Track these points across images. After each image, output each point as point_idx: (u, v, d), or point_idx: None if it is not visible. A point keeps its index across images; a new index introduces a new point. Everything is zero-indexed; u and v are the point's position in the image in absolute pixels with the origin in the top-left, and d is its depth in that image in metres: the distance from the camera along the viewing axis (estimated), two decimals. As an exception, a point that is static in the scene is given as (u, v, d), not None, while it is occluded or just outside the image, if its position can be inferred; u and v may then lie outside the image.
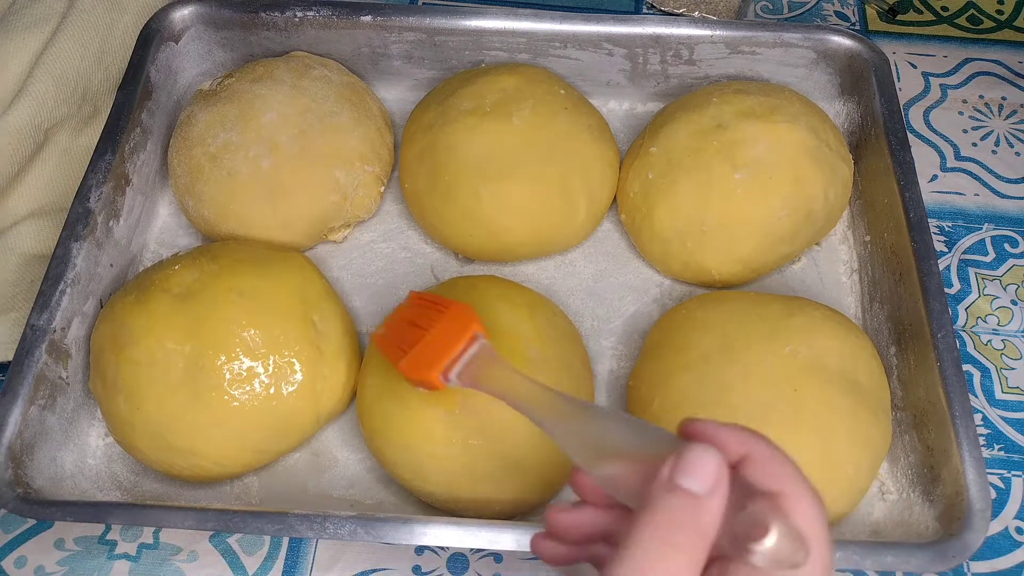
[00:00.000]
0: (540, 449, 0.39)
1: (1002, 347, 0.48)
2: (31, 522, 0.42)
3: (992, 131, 0.56)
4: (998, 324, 0.49)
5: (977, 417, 0.46)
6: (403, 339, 0.36)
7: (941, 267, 0.50)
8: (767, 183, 0.44)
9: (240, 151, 0.46)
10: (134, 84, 0.48)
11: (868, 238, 0.48)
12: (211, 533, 0.42)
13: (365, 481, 0.43)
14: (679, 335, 0.42)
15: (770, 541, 0.20)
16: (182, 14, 0.51)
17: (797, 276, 0.49)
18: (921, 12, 0.62)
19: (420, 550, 0.42)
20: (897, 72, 0.59)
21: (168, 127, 0.51)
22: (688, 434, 0.25)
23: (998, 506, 0.44)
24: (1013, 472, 0.45)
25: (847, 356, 0.40)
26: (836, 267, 0.50)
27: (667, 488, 0.22)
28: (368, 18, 0.51)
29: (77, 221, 0.44)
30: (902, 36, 0.61)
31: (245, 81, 0.48)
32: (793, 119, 0.45)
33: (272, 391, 0.39)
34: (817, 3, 0.62)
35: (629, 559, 0.21)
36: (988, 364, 0.48)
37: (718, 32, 0.50)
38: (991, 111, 0.57)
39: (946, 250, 0.52)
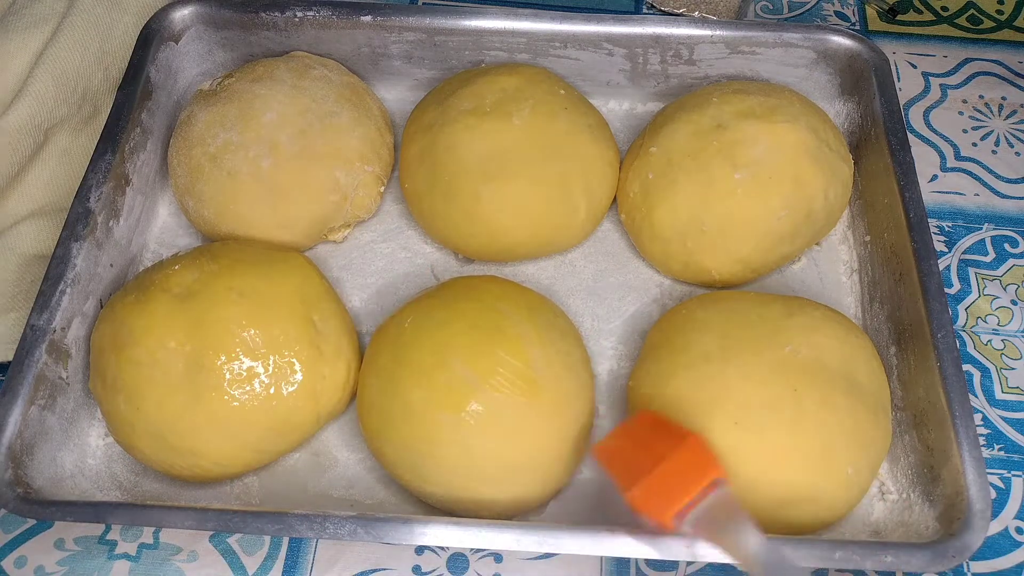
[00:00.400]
0: (540, 449, 0.39)
1: (1002, 347, 0.49)
2: (31, 522, 0.42)
3: (992, 131, 0.56)
4: (998, 324, 0.49)
5: (977, 417, 0.46)
6: (630, 460, 0.34)
7: (941, 267, 0.50)
8: (767, 183, 0.44)
9: (240, 151, 0.46)
10: (134, 84, 0.48)
11: (868, 238, 0.48)
12: (211, 533, 0.42)
13: (365, 481, 0.43)
14: (679, 335, 0.42)
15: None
16: (182, 14, 0.51)
17: (797, 276, 0.49)
18: (921, 12, 0.62)
19: (420, 550, 0.42)
20: (897, 72, 0.59)
21: (168, 127, 0.51)
22: None
23: (998, 506, 0.44)
24: (1013, 472, 0.45)
25: (847, 356, 0.40)
26: (836, 267, 0.50)
27: None
28: (368, 18, 0.51)
29: (77, 221, 0.44)
30: (902, 36, 0.61)
31: (245, 81, 0.48)
32: (793, 119, 0.45)
33: (272, 391, 0.39)
34: (817, 3, 0.62)
35: None
36: (988, 364, 0.48)
37: (718, 32, 0.50)
38: (991, 111, 0.57)
39: (946, 250, 0.52)
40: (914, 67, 0.59)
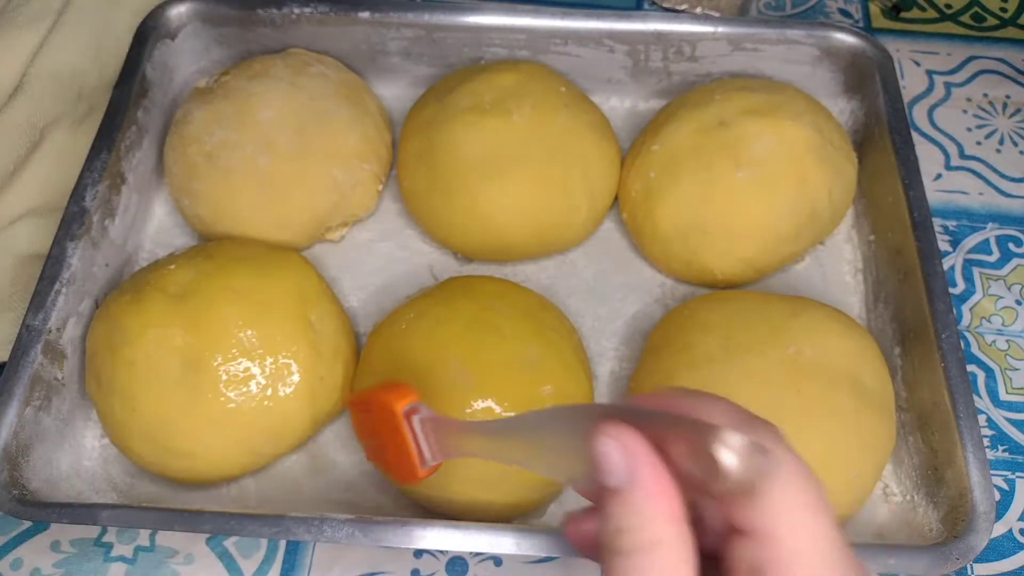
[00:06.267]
0: (540, 451, 0.38)
1: (1007, 347, 0.48)
2: (27, 524, 0.42)
3: (996, 129, 0.56)
4: (1003, 324, 0.49)
5: (981, 418, 0.46)
6: (381, 452, 0.34)
7: (945, 267, 0.50)
8: (771, 181, 0.44)
9: (237, 149, 0.45)
10: (130, 82, 0.48)
11: (872, 237, 0.48)
12: (207, 536, 0.41)
13: (363, 484, 0.42)
14: (681, 335, 0.41)
15: (722, 459, 0.19)
16: (178, 11, 0.50)
17: (801, 276, 0.49)
18: (925, 9, 0.62)
19: (419, 553, 0.41)
20: (901, 70, 0.58)
21: (164, 125, 0.51)
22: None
23: (1002, 508, 0.43)
24: (1017, 474, 0.44)
25: (851, 357, 0.40)
26: (840, 267, 0.49)
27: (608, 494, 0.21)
28: (366, 14, 0.51)
29: (72, 220, 0.43)
30: (906, 34, 0.60)
31: (242, 78, 0.48)
32: (797, 117, 0.45)
33: (269, 392, 0.39)
34: (820, 0, 0.62)
35: None
36: (992, 365, 0.48)
37: (720, 29, 0.50)
38: (995, 109, 0.57)
39: (950, 249, 0.51)
40: (918, 65, 0.59)
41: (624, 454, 0.21)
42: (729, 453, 0.19)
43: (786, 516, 0.20)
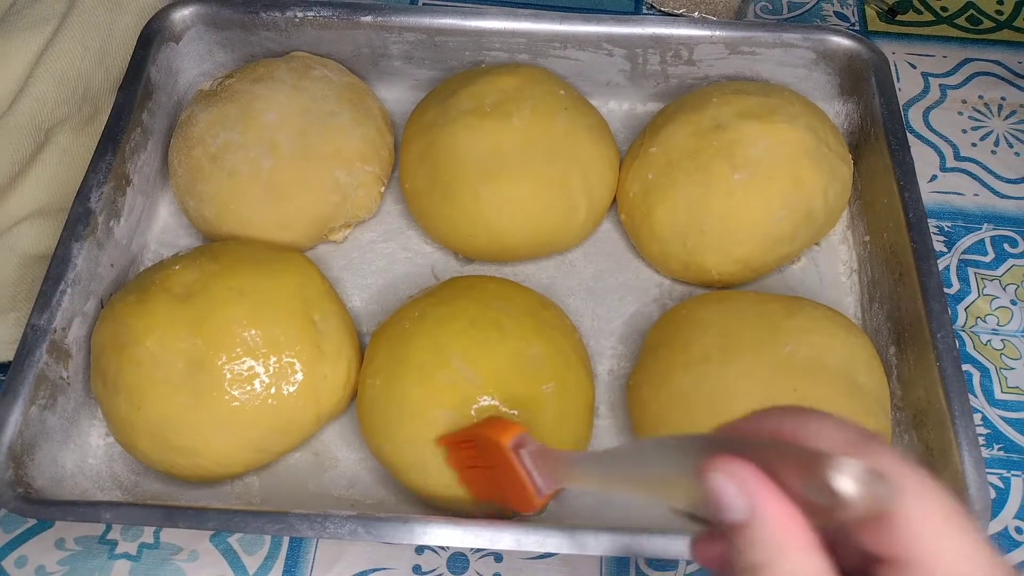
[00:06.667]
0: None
1: (1001, 347, 0.49)
2: (32, 522, 0.42)
3: (991, 131, 0.56)
4: (997, 324, 0.49)
5: (976, 417, 0.46)
6: (493, 487, 0.36)
7: (940, 267, 0.50)
8: (766, 183, 0.44)
9: (241, 151, 0.46)
10: (135, 84, 0.48)
11: (868, 238, 0.48)
12: (211, 533, 0.42)
13: (365, 481, 0.43)
14: (679, 335, 0.42)
15: (841, 488, 0.17)
16: (183, 14, 0.51)
17: (797, 276, 0.49)
18: (921, 12, 0.62)
19: (420, 550, 0.42)
20: (897, 72, 0.59)
21: (169, 127, 0.51)
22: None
23: (997, 506, 0.44)
24: (1012, 472, 0.45)
25: (847, 356, 0.40)
26: (836, 267, 0.50)
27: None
28: (368, 18, 0.51)
29: (78, 221, 0.44)
30: (901, 36, 0.61)
31: (246, 81, 0.48)
32: (792, 119, 0.45)
33: (273, 391, 0.40)
34: (817, 3, 0.62)
35: None
36: (987, 364, 0.48)
37: (718, 32, 0.50)
38: (990, 111, 0.57)
39: (945, 250, 0.52)
40: (913, 67, 0.59)
41: (741, 488, 0.20)
42: (846, 480, 0.18)
43: (927, 540, 0.19)
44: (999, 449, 0.45)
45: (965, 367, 0.48)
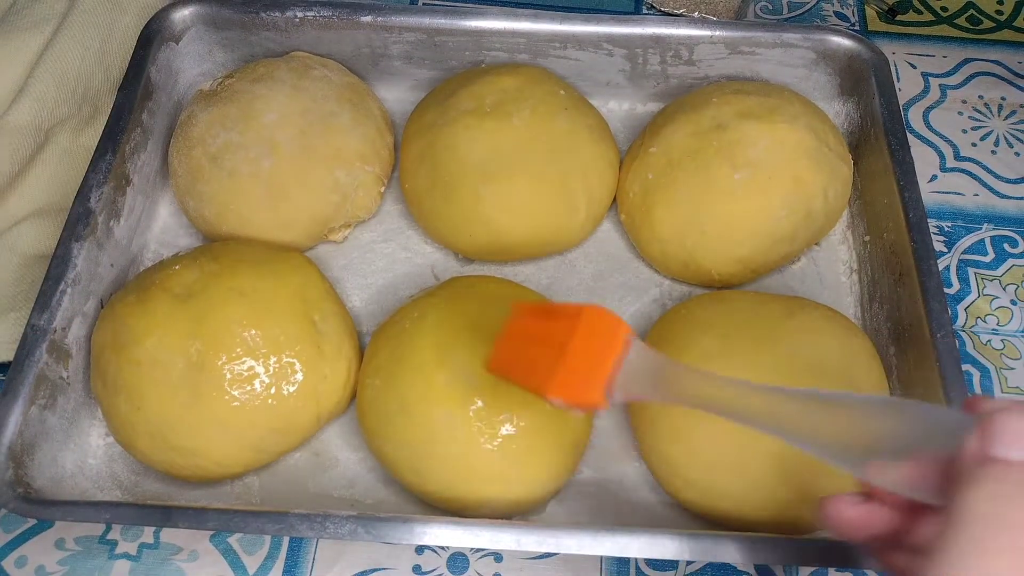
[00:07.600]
0: (539, 447, 0.39)
1: (1001, 347, 0.49)
2: (32, 522, 0.42)
3: (991, 131, 0.56)
4: (997, 324, 0.49)
5: (976, 417, 0.46)
6: (533, 360, 0.31)
7: (940, 267, 0.50)
8: (766, 183, 0.44)
9: (241, 151, 0.46)
10: (135, 84, 0.48)
11: (868, 238, 0.48)
12: (211, 533, 0.42)
13: (365, 481, 0.43)
14: (679, 335, 0.42)
15: None
16: (183, 14, 0.51)
17: (797, 276, 0.49)
18: (921, 12, 0.62)
19: (420, 549, 0.42)
20: (897, 72, 0.59)
21: (168, 127, 0.51)
22: (975, 410, 0.23)
23: (997, 506, 0.44)
24: (1012, 472, 0.45)
25: (846, 356, 0.40)
26: (836, 267, 0.50)
27: (980, 463, 0.20)
28: (368, 18, 0.51)
29: (78, 221, 0.44)
30: (902, 36, 0.61)
31: (245, 81, 0.48)
32: (792, 119, 0.45)
33: (273, 391, 0.40)
34: (817, 3, 0.63)
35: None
36: (988, 364, 0.48)
37: (718, 32, 0.50)
38: (990, 111, 0.57)
39: (945, 250, 0.52)
40: (913, 67, 0.59)
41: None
42: None
43: None
44: (999, 449, 0.45)
45: (965, 367, 0.48)
